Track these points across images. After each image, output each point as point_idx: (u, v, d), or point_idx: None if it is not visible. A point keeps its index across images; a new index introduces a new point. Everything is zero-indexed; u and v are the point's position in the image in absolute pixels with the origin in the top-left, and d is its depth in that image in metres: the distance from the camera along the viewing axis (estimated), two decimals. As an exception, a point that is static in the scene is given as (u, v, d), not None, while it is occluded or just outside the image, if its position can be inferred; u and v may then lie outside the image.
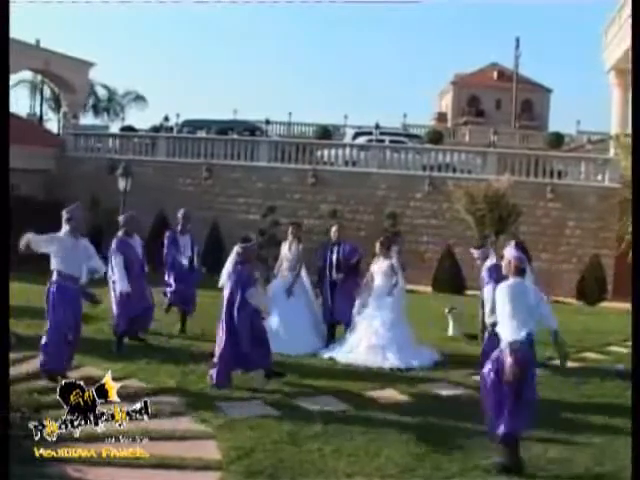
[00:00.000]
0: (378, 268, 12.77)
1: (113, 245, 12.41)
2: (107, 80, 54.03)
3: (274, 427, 8.36)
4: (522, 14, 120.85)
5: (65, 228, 10.02)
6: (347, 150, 28.61)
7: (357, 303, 12.76)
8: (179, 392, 9.58)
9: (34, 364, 10.40)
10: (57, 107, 46.58)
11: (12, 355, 10.66)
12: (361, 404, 9.62)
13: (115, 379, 9.75)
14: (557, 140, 43.22)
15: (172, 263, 14.18)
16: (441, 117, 76.86)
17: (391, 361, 11.95)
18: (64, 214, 10.06)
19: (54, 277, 9.93)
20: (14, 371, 9.94)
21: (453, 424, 8.93)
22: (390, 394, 10.21)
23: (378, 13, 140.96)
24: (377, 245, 13.04)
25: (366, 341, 12.26)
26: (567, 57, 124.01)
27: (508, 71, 70.33)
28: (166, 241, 14.35)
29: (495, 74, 78.35)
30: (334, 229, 14.01)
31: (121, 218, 12.94)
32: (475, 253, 12.16)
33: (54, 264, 9.91)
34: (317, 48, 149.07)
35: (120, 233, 12.60)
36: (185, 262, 14.21)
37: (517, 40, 60.81)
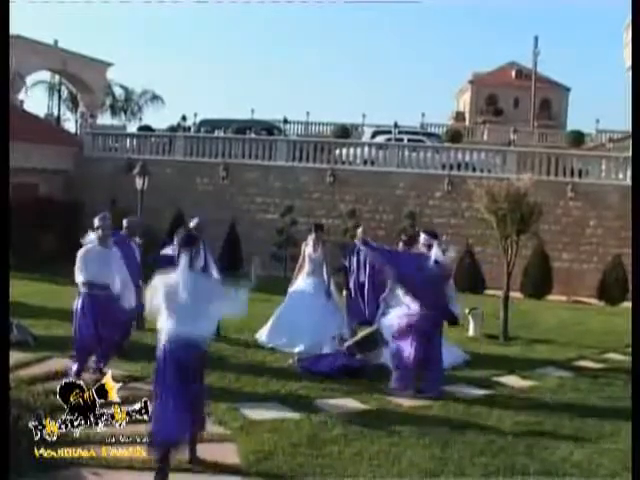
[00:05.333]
0: None
1: None
2: (124, 80, 54.01)
3: (293, 430, 8.23)
4: (541, 12, 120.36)
5: (94, 236, 10.10)
6: (365, 149, 28.44)
7: (382, 304, 12.60)
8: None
9: (51, 365, 10.35)
10: (75, 107, 46.67)
11: (30, 356, 10.74)
12: (382, 406, 9.49)
13: (134, 379, 9.81)
14: (577, 139, 42.91)
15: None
16: (459, 116, 76.51)
17: None
18: (95, 222, 10.07)
19: (81, 287, 9.98)
20: (32, 372, 9.93)
21: (476, 426, 8.78)
22: (412, 395, 10.04)
23: (397, 12, 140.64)
24: (400, 244, 12.91)
25: None
26: (585, 56, 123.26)
27: (526, 70, 69.91)
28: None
29: (513, 73, 77.93)
30: (360, 230, 13.85)
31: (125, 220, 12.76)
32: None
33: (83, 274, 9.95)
34: (335, 47, 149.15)
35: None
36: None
37: (535, 39, 60.56)
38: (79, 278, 9.88)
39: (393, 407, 9.48)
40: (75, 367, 9.88)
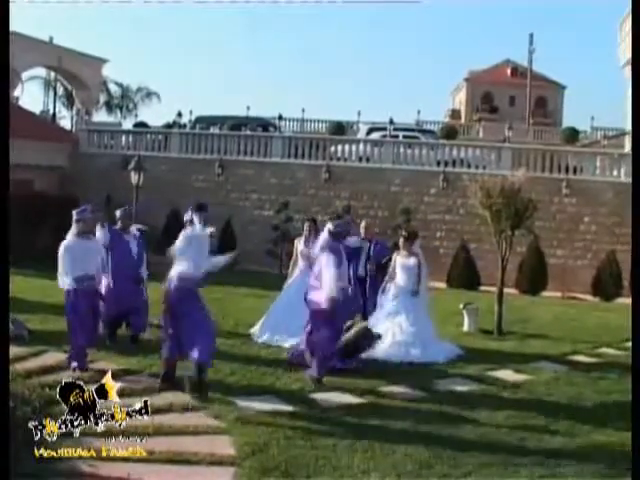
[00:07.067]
0: (402, 263, 12.61)
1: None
2: (120, 77, 54.06)
3: (288, 422, 8.27)
4: (536, 10, 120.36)
5: (73, 229, 10.27)
6: (361, 146, 28.43)
7: (379, 298, 12.65)
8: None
9: (46, 359, 10.39)
10: (70, 104, 46.66)
11: (25, 349, 10.77)
12: (377, 399, 9.52)
13: (129, 372, 9.85)
14: (572, 136, 42.99)
15: None
16: (455, 114, 76.67)
17: (414, 355, 11.85)
18: (74, 215, 10.21)
19: (70, 284, 10.13)
20: (27, 365, 9.96)
21: (470, 419, 8.82)
22: (406, 389, 10.08)
23: (392, 10, 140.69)
24: (401, 240, 12.95)
25: (390, 337, 12.12)
26: (581, 54, 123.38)
27: (522, 68, 70.14)
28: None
29: (509, 71, 78.15)
30: (363, 225, 13.89)
31: (118, 212, 12.85)
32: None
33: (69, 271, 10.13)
34: (331, 45, 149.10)
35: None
36: None
37: (531, 36, 60.76)
38: (66, 277, 10.06)
39: (387, 401, 9.51)
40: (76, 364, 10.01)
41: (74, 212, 10.36)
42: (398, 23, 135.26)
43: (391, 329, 12.26)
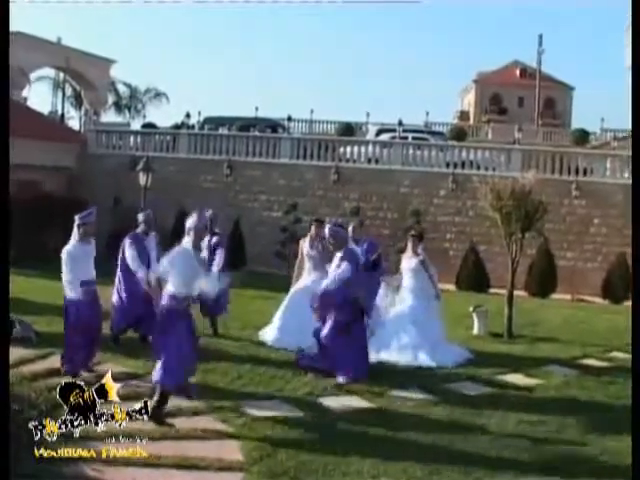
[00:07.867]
0: (407, 265, 12.54)
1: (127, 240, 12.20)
2: (128, 78, 54.13)
3: (296, 427, 8.20)
4: (545, 11, 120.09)
5: (75, 234, 10.11)
6: (370, 147, 28.34)
7: (383, 300, 12.52)
8: (199, 390, 9.40)
9: (53, 361, 10.33)
10: (79, 105, 46.73)
11: (32, 352, 10.73)
12: (386, 404, 9.44)
13: (135, 376, 9.79)
14: (582, 137, 42.80)
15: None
16: (463, 115, 76.52)
17: (422, 359, 11.75)
18: (76, 219, 10.06)
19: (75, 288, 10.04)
20: (34, 368, 9.91)
21: (480, 424, 8.74)
22: (415, 393, 10.00)
23: (399, 11, 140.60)
24: (410, 240, 12.85)
25: (397, 340, 12.03)
26: (590, 54, 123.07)
27: (530, 69, 70.04)
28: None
29: (517, 72, 78.02)
30: (351, 227, 13.79)
31: (140, 216, 12.72)
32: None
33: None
34: (339, 46, 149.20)
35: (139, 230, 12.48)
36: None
37: (540, 37, 60.55)
38: (72, 286, 9.96)
39: (396, 405, 9.43)
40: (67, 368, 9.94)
41: (77, 217, 10.15)
42: (406, 24, 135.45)
43: (399, 332, 12.17)
